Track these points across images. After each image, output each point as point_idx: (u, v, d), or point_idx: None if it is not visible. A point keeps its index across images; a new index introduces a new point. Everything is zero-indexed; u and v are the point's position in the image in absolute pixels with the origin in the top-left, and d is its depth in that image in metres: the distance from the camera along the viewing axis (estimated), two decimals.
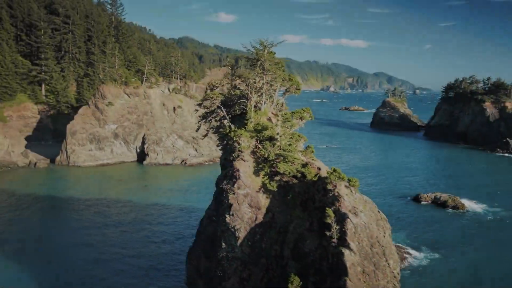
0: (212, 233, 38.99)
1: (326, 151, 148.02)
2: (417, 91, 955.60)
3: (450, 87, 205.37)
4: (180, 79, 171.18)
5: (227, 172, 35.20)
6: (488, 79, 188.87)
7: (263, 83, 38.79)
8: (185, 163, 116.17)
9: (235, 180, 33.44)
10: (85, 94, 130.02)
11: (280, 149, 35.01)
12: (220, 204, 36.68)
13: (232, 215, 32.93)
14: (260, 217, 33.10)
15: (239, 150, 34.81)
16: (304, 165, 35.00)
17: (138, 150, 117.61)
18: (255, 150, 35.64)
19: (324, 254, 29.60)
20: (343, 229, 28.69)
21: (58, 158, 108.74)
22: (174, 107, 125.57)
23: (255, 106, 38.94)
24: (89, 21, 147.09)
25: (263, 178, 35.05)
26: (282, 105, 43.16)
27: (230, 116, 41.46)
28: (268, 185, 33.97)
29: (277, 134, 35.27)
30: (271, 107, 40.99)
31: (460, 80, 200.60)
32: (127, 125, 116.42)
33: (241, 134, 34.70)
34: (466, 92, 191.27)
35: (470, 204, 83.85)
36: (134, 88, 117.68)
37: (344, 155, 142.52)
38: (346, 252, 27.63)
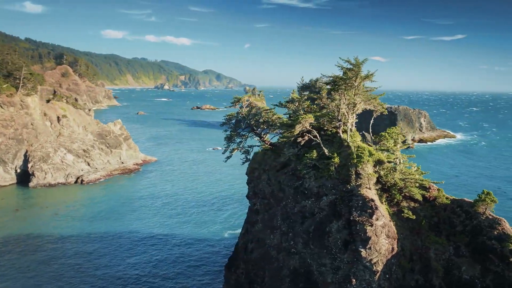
0: (300, 267, 34.75)
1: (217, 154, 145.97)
2: (247, 88, 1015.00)
3: (306, 87, 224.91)
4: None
5: (354, 202, 31.41)
6: None
7: (360, 104, 35.84)
8: (82, 180, 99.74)
9: (370, 210, 30.19)
10: None
11: (401, 173, 33.09)
12: (323, 235, 32.84)
13: (369, 248, 29.81)
14: (396, 247, 30.81)
15: (359, 178, 31.49)
16: (425, 187, 33.94)
17: (19, 171, 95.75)
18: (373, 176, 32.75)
19: (501, 280, 29.27)
20: None
21: None
22: (58, 117, 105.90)
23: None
24: None
25: (385, 204, 32.64)
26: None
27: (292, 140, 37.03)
28: (391, 211, 31.68)
29: (396, 158, 33.26)
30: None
31: (315, 80, 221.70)
32: (3, 141, 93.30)
33: (367, 161, 31.48)
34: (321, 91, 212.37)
35: None
36: (7, 96, 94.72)
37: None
38: None
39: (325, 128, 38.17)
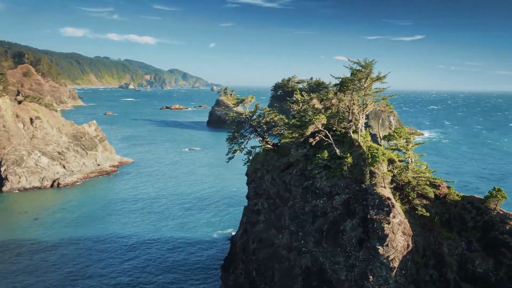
0: (313, 266, 35.13)
1: (193, 154, 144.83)
2: (215, 87, 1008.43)
3: (279, 86, 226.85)
4: None
5: (369, 201, 31.95)
6: (311, 79, 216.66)
7: (371, 104, 36.40)
8: (58, 184, 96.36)
9: (387, 209, 30.88)
10: None
11: (414, 171, 33.94)
12: (336, 233, 33.36)
13: (387, 245, 30.56)
14: (410, 243, 31.71)
15: (374, 177, 32.08)
16: (435, 185, 34.93)
17: None
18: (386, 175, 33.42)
19: None
20: None
21: None
22: (31, 119, 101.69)
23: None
24: None
25: (398, 202, 33.40)
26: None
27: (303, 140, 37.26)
28: (403, 209, 32.49)
29: (408, 157, 34.06)
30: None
31: (287, 80, 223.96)
32: None
33: (383, 160, 32.09)
34: (295, 90, 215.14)
35: None
36: None
37: (213, 157, 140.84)
38: None
39: (334, 129, 38.71)
